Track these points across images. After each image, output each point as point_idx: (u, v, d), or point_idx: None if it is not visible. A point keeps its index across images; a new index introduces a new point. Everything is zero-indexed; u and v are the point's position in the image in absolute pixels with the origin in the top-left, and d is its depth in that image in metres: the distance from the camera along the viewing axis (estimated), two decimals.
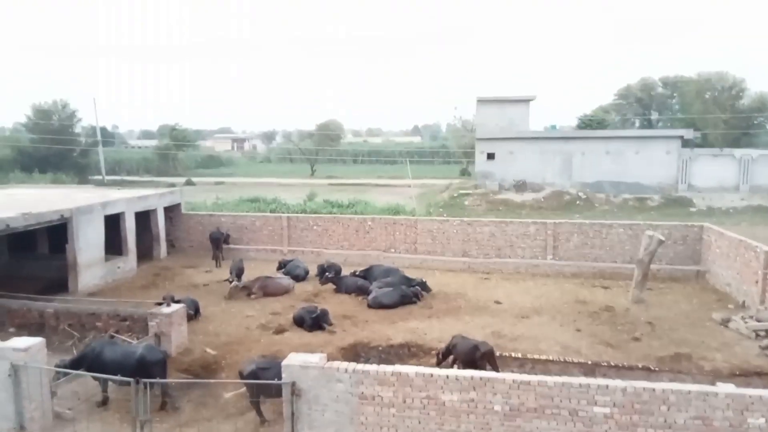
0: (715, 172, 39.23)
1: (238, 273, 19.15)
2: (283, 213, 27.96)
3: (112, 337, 13.12)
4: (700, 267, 20.29)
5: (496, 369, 11.64)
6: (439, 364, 12.27)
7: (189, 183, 55.34)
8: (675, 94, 63.25)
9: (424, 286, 18.18)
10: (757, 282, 16.25)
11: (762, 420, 8.06)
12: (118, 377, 10.28)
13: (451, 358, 12.39)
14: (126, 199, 21.83)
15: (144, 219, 22.80)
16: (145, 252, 22.77)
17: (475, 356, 11.75)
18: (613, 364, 12.49)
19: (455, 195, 41.42)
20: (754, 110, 54.55)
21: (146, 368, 10.70)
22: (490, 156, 42.54)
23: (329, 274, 19.40)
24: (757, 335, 14.27)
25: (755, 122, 56.06)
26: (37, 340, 10.56)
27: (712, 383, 9.43)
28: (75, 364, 11.12)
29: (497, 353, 12.76)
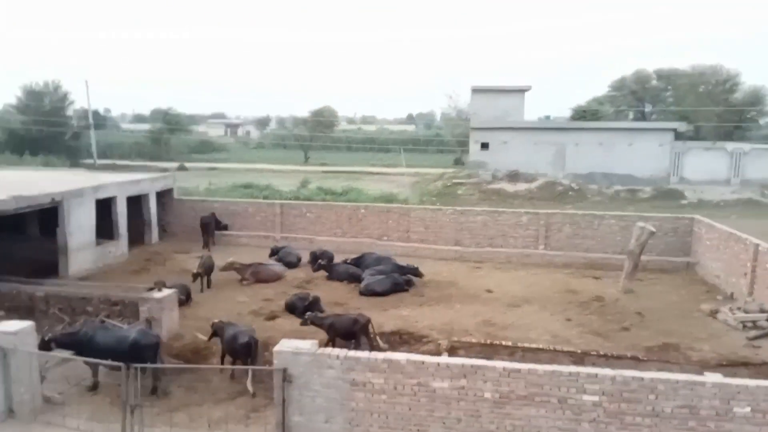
0: (706, 165, 39.43)
1: (207, 270, 17.80)
2: (276, 200, 27.89)
3: (102, 321, 13.06)
4: (689, 259, 20.44)
5: (370, 341, 12.68)
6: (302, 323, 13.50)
7: (182, 168, 55.00)
8: (669, 87, 63.34)
9: (416, 272, 18.25)
10: (745, 274, 16.41)
11: (747, 409, 8.16)
12: (109, 361, 10.25)
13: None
14: (118, 183, 21.67)
15: (136, 204, 22.64)
16: (136, 237, 22.64)
17: (355, 328, 12.79)
18: (602, 353, 12.58)
19: (448, 184, 41.47)
20: (746, 104, 54.79)
21: (140, 352, 10.69)
22: (484, 146, 42.53)
23: (322, 261, 19.37)
24: (744, 326, 14.43)
25: (748, 116, 56.31)
26: (26, 324, 10.50)
27: (700, 373, 9.52)
28: (65, 341, 11.13)
29: (488, 341, 12.86)
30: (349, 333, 12.91)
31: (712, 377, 8.55)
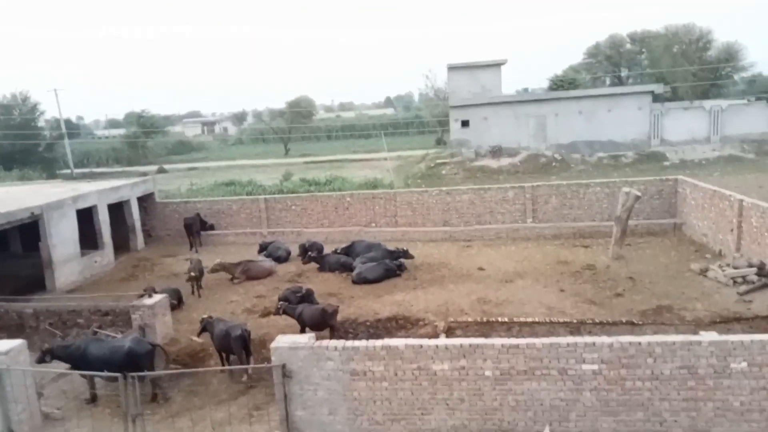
0: (686, 125, 39.62)
1: (199, 275, 17.23)
2: (260, 195, 27.65)
3: (95, 332, 12.90)
4: (676, 219, 20.62)
5: (336, 326, 12.99)
6: (277, 313, 13.62)
7: (161, 171, 54.32)
8: (643, 50, 63.51)
9: (406, 254, 18.24)
10: (732, 230, 16.60)
11: (744, 364, 8.26)
12: (106, 373, 10.13)
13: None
14: (97, 191, 21.32)
15: (118, 210, 22.34)
16: (121, 244, 22.36)
17: (326, 318, 12.88)
18: (597, 321, 12.69)
19: (432, 165, 41.37)
20: (721, 61, 55.12)
21: (136, 361, 10.59)
22: (465, 123, 42.38)
23: (311, 253, 19.27)
24: (735, 282, 14.62)
25: (723, 73, 56.69)
26: (18, 342, 10.32)
27: (695, 332, 9.62)
28: (60, 354, 11.02)
29: (484, 319, 12.90)
30: (318, 323, 12.90)
31: (707, 336, 8.62)
